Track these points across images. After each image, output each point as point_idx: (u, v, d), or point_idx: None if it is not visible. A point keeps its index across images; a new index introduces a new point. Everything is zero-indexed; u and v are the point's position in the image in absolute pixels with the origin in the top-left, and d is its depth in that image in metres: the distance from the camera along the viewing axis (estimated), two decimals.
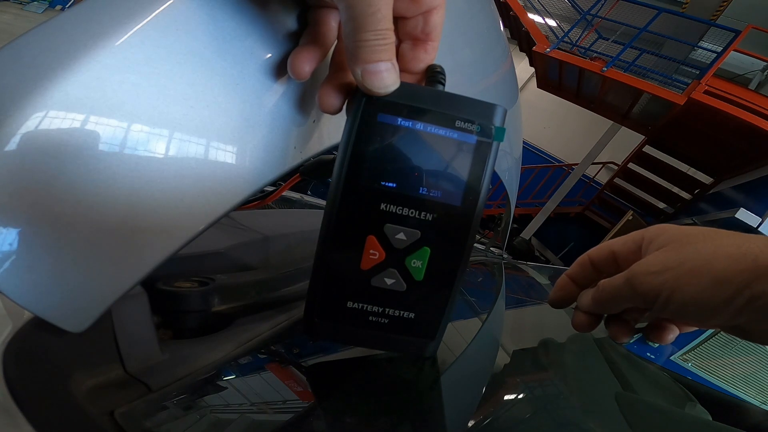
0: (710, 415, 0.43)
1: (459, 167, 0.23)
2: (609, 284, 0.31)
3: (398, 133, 0.22)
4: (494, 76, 0.55)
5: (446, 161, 0.23)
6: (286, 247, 0.49)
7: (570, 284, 0.37)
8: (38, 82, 0.17)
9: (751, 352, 2.02)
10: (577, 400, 0.36)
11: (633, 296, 0.29)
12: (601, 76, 3.61)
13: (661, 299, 0.27)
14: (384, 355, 0.31)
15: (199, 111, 0.21)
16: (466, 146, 0.23)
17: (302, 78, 0.23)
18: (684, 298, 0.26)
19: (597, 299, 0.33)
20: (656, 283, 0.27)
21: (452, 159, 0.23)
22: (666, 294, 0.27)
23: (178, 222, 0.21)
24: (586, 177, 5.57)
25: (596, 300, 0.33)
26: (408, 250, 0.23)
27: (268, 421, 0.25)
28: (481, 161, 0.23)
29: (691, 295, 0.26)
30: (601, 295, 0.32)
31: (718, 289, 0.25)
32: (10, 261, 0.18)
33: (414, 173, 0.22)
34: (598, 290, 0.32)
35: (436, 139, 0.22)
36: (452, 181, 0.23)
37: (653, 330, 0.34)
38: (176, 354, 0.27)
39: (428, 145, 0.22)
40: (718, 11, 4.77)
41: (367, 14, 0.20)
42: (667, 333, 0.33)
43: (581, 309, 0.35)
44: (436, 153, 0.22)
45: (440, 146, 0.22)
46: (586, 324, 0.35)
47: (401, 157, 0.22)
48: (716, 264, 0.25)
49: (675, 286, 0.27)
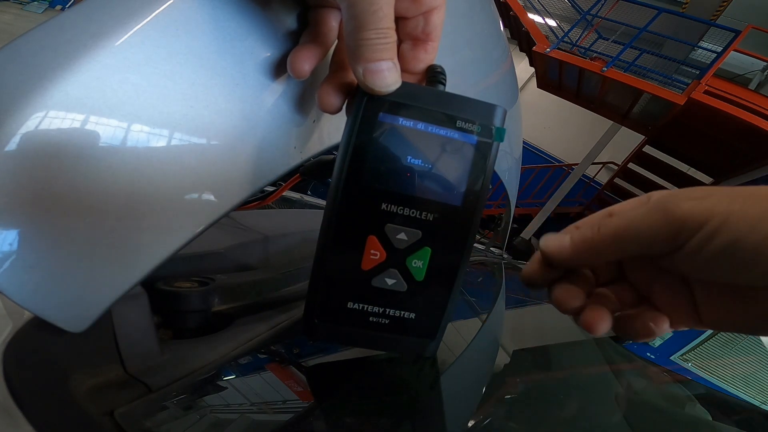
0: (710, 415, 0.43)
1: (459, 167, 0.23)
2: (615, 219, 0.23)
3: (399, 133, 0.22)
4: (494, 76, 0.55)
5: (447, 161, 0.23)
6: (285, 247, 0.49)
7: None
8: (38, 82, 0.17)
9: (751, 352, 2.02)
10: (577, 400, 0.36)
11: (659, 227, 0.21)
12: (601, 76, 3.60)
13: (708, 227, 0.20)
14: (384, 356, 0.31)
15: (199, 111, 0.21)
16: (466, 146, 0.23)
17: (301, 77, 0.23)
18: (743, 224, 0.19)
19: (586, 238, 0.24)
20: (702, 207, 0.20)
21: (453, 159, 0.23)
22: (717, 220, 0.20)
23: (178, 222, 0.21)
24: (586, 177, 5.57)
25: (583, 239, 0.24)
26: (409, 250, 0.23)
27: (268, 421, 0.25)
28: (482, 161, 0.23)
29: (755, 219, 0.19)
30: (598, 233, 0.23)
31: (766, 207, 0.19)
32: (10, 261, 0.18)
33: (415, 173, 0.22)
34: (593, 227, 0.24)
35: (436, 139, 0.22)
36: (453, 181, 0.23)
37: (637, 318, 0.25)
38: (176, 354, 0.27)
39: (429, 145, 0.22)
40: (718, 11, 4.77)
41: (369, 13, 0.20)
42: (661, 321, 0.25)
43: (547, 255, 0.25)
44: (437, 153, 0.22)
45: (441, 146, 0.22)
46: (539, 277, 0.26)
47: (402, 156, 0.22)
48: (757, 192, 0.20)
49: (730, 209, 0.20)
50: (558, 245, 0.25)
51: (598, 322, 0.25)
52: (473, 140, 0.23)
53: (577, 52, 4.07)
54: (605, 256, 0.24)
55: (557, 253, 0.25)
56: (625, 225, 0.22)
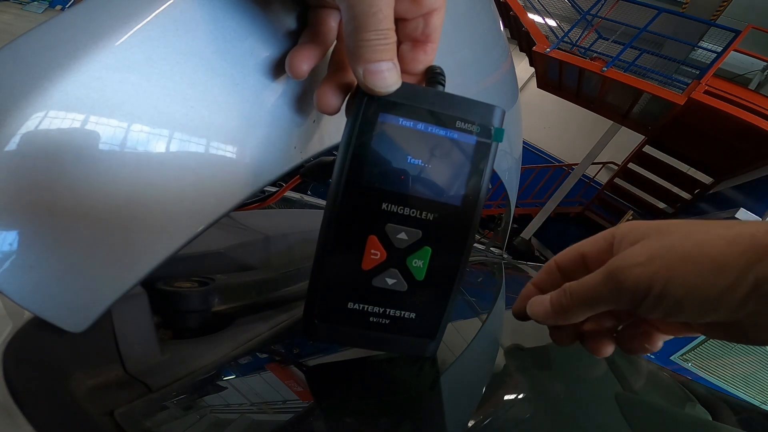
0: (710, 415, 0.43)
1: (459, 167, 0.23)
2: (581, 285, 0.27)
3: (399, 133, 0.22)
4: (494, 76, 0.55)
5: (446, 161, 0.23)
6: (286, 247, 0.49)
7: (535, 292, 0.32)
8: (38, 82, 0.17)
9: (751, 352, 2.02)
10: (578, 400, 0.36)
11: (615, 295, 0.25)
12: (601, 76, 3.61)
13: (653, 294, 0.23)
14: (384, 356, 0.31)
15: (199, 111, 0.21)
16: (466, 146, 0.23)
17: (300, 77, 0.23)
18: (681, 289, 0.22)
19: (562, 305, 0.27)
20: (645, 275, 0.23)
21: (453, 159, 0.23)
22: (659, 287, 0.23)
23: (178, 222, 0.21)
24: (586, 177, 5.57)
25: (560, 306, 0.28)
26: (409, 250, 0.23)
27: (268, 421, 0.25)
28: (481, 161, 0.23)
29: (690, 285, 0.22)
30: (570, 300, 0.27)
31: (719, 275, 0.21)
32: (10, 261, 0.18)
33: (415, 173, 0.23)
34: (565, 295, 0.27)
35: (436, 139, 0.22)
36: (452, 181, 0.23)
37: (635, 338, 0.29)
38: (176, 354, 0.27)
39: (429, 145, 0.22)
40: (718, 11, 4.77)
41: (369, 14, 0.20)
42: (655, 339, 0.28)
43: (534, 319, 0.30)
44: (437, 153, 0.23)
45: (441, 146, 0.22)
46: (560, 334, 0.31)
47: (402, 156, 0.22)
48: (711, 247, 0.22)
49: (668, 275, 0.22)
50: (543, 311, 0.29)
51: (601, 349, 0.29)
52: (473, 140, 0.23)
53: (577, 52, 4.08)
54: (582, 316, 0.28)
55: (543, 317, 0.29)
56: (590, 295, 0.26)
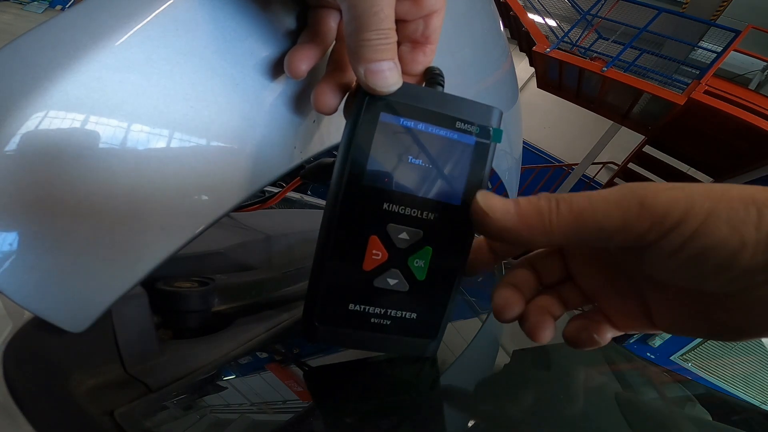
0: (710, 415, 0.43)
1: (459, 167, 0.23)
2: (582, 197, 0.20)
3: (400, 133, 0.22)
4: (494, 76, 0.55)
5: (447, 161, 0.23)
6: (286, 247, 0.49)
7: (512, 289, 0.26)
8: (38, 82, 0.17)
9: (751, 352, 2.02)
10: (577, 400, 0.36)
11: (632, 217, 0.19)
12: (601, 76, 3.60)
13: (687, 227, 0.18)
14: (384, 356, 0.31)
15: (199, 111, 0.21)
16: (466, 147, 0.23)
17: (298, 76, 0.23)
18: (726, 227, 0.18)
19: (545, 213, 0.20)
20: (683, 199, 0.18)
21: (453, 159, 0.23)
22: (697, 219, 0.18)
23: (178, 222, 0.21)
24: (586, 177, 5.57)
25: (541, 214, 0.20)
26: (410, 250, 0.23)
27: (268, 421, 0.25)
28: (480, 161, 0.23)
29: (736, 221, 0.18)
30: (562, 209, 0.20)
31: (747, 209, 0.18)
32: (10, 261, 0.18)
33: (416, 173, 0.23)
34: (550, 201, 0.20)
35: (437, 139, 0.22)
36: (452, 181, 0.23)
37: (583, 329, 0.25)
38: (176, 354, 0.27)
39: (429, 145, 0.22)
40: (718, 11, 4.77)
41: (370, 14, 0.20)
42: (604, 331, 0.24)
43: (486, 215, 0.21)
44: (437, 153, 0.23)
45: (441, 146, 0.22)
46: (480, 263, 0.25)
47: (403, 156, 0.22)
48: (732, 191, 0.19)
49: (711, 207, 0.18)
50: (503, 209, 0.21)
51: (540, 331, 0.24)
52: (472, 141, 0.23)
53: (577, 52, 4.07)
54: (554, 238, 0.20)
55: (500, 218, 0.21)
56: (591, 208, 0.19)
